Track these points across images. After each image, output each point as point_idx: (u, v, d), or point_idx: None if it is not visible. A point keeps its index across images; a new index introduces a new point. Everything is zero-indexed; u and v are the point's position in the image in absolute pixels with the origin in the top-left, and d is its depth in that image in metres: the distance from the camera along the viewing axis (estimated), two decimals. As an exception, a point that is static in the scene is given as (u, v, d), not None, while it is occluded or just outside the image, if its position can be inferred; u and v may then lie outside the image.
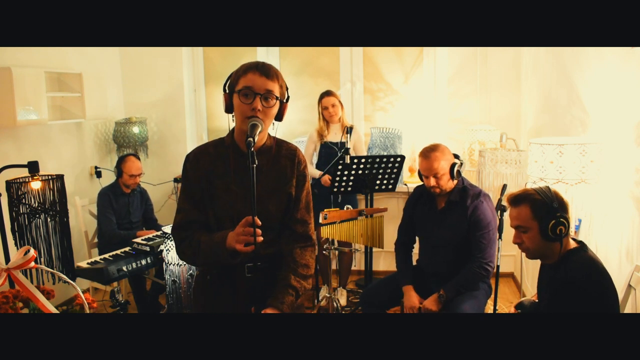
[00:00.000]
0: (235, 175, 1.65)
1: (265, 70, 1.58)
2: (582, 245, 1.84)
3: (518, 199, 1.84)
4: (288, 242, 1.73)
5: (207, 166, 1.68)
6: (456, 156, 2.67)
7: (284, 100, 1.65)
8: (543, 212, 1.77)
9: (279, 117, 1.66)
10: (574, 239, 1.86)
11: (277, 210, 1.69)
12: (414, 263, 2.91)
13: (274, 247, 1.71)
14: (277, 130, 1.73)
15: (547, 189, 1.82)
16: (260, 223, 1.50)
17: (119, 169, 3.67)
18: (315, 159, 3.97)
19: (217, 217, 1.68)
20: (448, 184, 2.62)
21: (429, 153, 2.60)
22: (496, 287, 2.74)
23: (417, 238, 2.92)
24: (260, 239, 1.51)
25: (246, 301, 1.62)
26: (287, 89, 1.67)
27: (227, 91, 1.63)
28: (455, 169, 2.60)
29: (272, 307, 1.61)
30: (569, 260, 1.78)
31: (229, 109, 1.64)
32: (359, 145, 3.93)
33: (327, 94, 3.85)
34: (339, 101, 3.87)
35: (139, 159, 3.74)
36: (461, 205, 2.62)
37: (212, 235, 1.63)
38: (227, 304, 1.69)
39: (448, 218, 2.67)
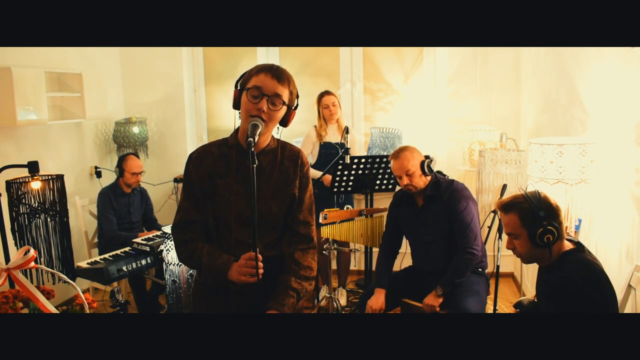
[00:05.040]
0: (237, 175, 1.65)
1: (278, 74, 1.59)
2: (578, 245, 1.83)
3: (507, 207, 1.84)
4: (290, 244, 1.72)
5: (210, 165, 1.68)
6: (427, 157, 2.73)
7: (292, 107, 1.66)
8: (530, 220, 1.77)
9: (284, 122, 1.66)
10: (570, 240, 1.85)
11: (279, 210, 1.69)
12: (412, 264, 2.92)
13: (276, 249, 1.72)
14: (281, 134, 1.73)
15: (537, 195, 1.80)
16: (261, 257, 1.54)
17: (120, 168, 3.67)
18: (311, 159, 3.94)
19: (216, 217, 1.67)
20: (421, 179, 2.68)
21: (398, 154, 2.70)
22: (496, 287, 2.74)
23: (406, 241, 2.94)
24: (261, 271, 1.54)
25: (248, 303, 1.62)
26: (297, 96, 1.67)
27: (239, 88, 1.63)
28: (426, 164, 2.67)
29: (272, 309, 1.62)
30: (565, 261, 1.77)
31: (236, 104, 1.64)
32: (354, 147, 3.92)
33: (327, 93, 3.87)
34: (338, 102, 3.89)
35: (138, 158, 3.75)
36: (438, 198, 2.69)
37: (213, 256, 1.63)
38: (229, 306, 1.69)
39: (429, 214, 2.73)
